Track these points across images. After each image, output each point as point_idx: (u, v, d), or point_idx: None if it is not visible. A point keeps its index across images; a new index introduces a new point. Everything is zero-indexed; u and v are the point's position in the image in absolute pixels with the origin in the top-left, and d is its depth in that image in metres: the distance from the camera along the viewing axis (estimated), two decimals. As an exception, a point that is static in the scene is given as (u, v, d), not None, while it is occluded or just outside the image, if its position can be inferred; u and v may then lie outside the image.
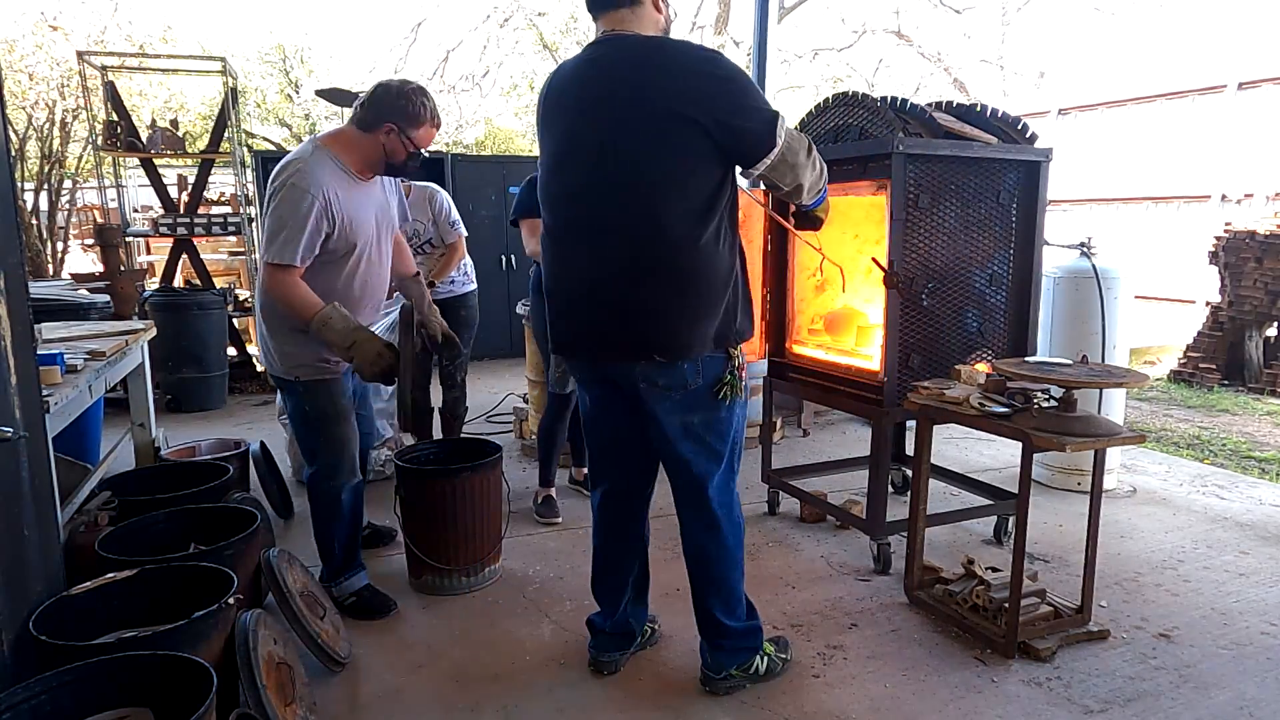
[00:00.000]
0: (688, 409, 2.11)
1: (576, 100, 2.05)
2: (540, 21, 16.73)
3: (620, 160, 1.98)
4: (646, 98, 1.94)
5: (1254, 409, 6.22)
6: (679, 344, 2.03)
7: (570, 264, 2.13)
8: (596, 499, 2.39)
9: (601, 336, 2.10)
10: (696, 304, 2.03)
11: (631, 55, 1.99)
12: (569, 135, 2.07)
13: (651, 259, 2.00)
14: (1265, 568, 3.13)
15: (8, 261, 1.88)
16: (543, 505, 3.72)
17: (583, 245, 2.08)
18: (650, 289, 2.01)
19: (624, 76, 1.97)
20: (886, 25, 16.43)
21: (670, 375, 2.06)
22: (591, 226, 2.05)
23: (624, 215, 2.00)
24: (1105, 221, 12.84)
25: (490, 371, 7.10)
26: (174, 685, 1.68)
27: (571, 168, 2.07)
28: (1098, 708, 2.23)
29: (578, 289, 2.12)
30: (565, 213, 2.12)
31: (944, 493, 3.79)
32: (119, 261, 6.34)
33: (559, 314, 2.20)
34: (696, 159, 1.97)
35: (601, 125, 1.99)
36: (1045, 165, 3.04)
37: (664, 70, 1.94)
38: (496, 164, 8.12)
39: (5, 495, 1.82)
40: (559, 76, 2.13)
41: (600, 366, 2.18)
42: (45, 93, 10.58)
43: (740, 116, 1.96)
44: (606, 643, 2.43)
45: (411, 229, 4.08)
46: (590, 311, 2.10)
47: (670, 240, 1.98)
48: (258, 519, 2.44)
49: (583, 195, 2.06)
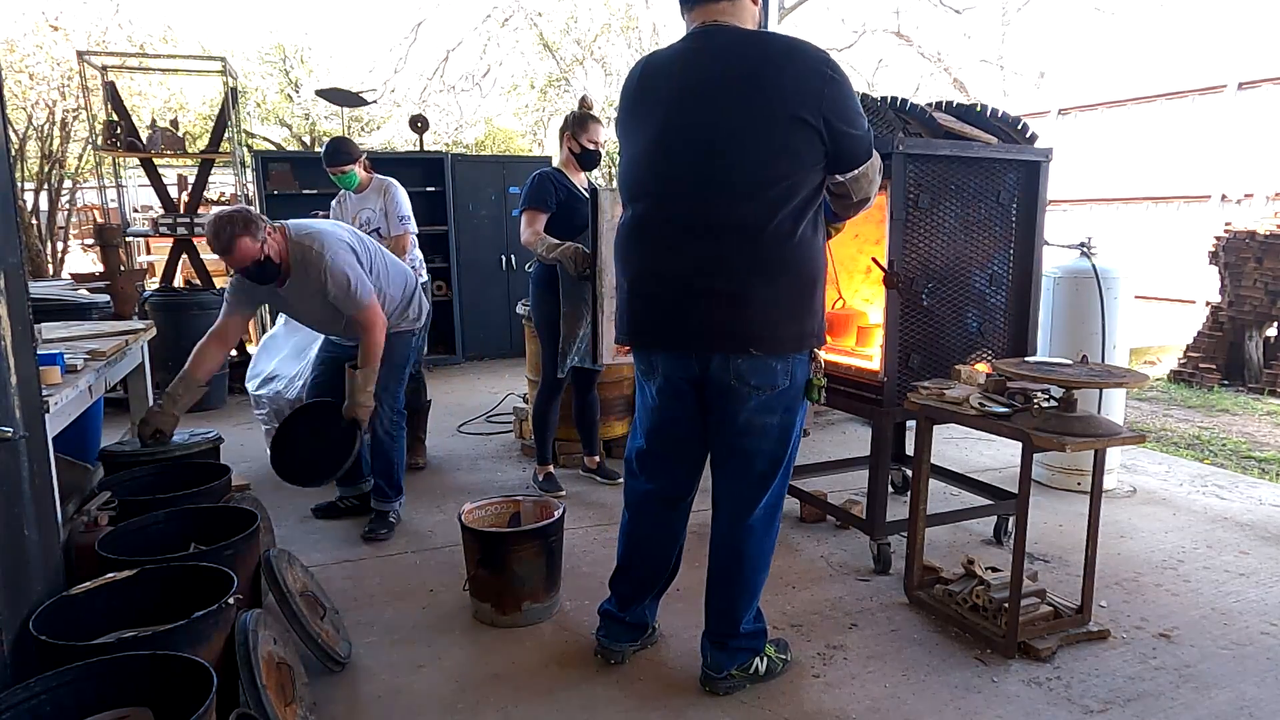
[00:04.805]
0: (769, 409, 2.10)
1: (678, 90, 2.00)
2: (540, 21, 16.71)
3: (732, 155, 1.94)
4: (762, 94, 1.90)
5: (1254, 409, 6.22)
6: (779, 338, 2.02)
7: (664, 253, 2.06)
8: (641, 500, 2.35)
9: (697, 326, 2.04)
10: (797, 299, 2.03)
11: (743, 48, 1.95)
12: (668, 125, 2.01)
13: (759, 253, 1.96)
14: (1265, 568, 3.13)
15: (8, 261, 1.88)
16: (545, 482, 3.93)
17: (682, 235, 2.02)
18: (757, 282, 1.97)
19: (737, 69, 1.93)
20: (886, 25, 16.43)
21: (763, 374, 2.04)
22: (694, 216, 2.00)
23: (732, 208, 1.96)
24: (1105, 221, 12.85)
25: (490, 371, 7.10)
26: (174, 685, 1.68)
27: (672, 157, 2.02)
28: (1098, 708, 2.23)
29: (672, 278, 2.05)
30: (660, 201, 2.06)
31: (944, 493, 3.79)
32: (119, 261, 6.33)
33: (645, 302, 2.12)
34: (809, 158, 1.95)
35: (711, 116, 1.95)
36: (1045, 165, 3.04)
37: (780, 68, 1.91)
38: (496, 164, 8.12)
39: (5, 495, 1.82)
40: (653, 65, 2.09)
41: (689, 360, 2.11)
42: (45, 93, 10.59)
43: (848, 122, 1.95)
44: (620, 633, 2.43)
45: (364, 216, 4.22)
46: (686, 301, 2.04)
47: (779, 235, 1.96)
48: (257, 519, 2.44)
49: (684, 185, 2.01)
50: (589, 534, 3.42)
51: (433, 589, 2.95)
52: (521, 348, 5.60)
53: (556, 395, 3.87)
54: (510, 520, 2.91)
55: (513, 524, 2.88)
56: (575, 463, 4.24)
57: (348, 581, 2.99)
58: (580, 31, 16.93)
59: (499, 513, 2.91)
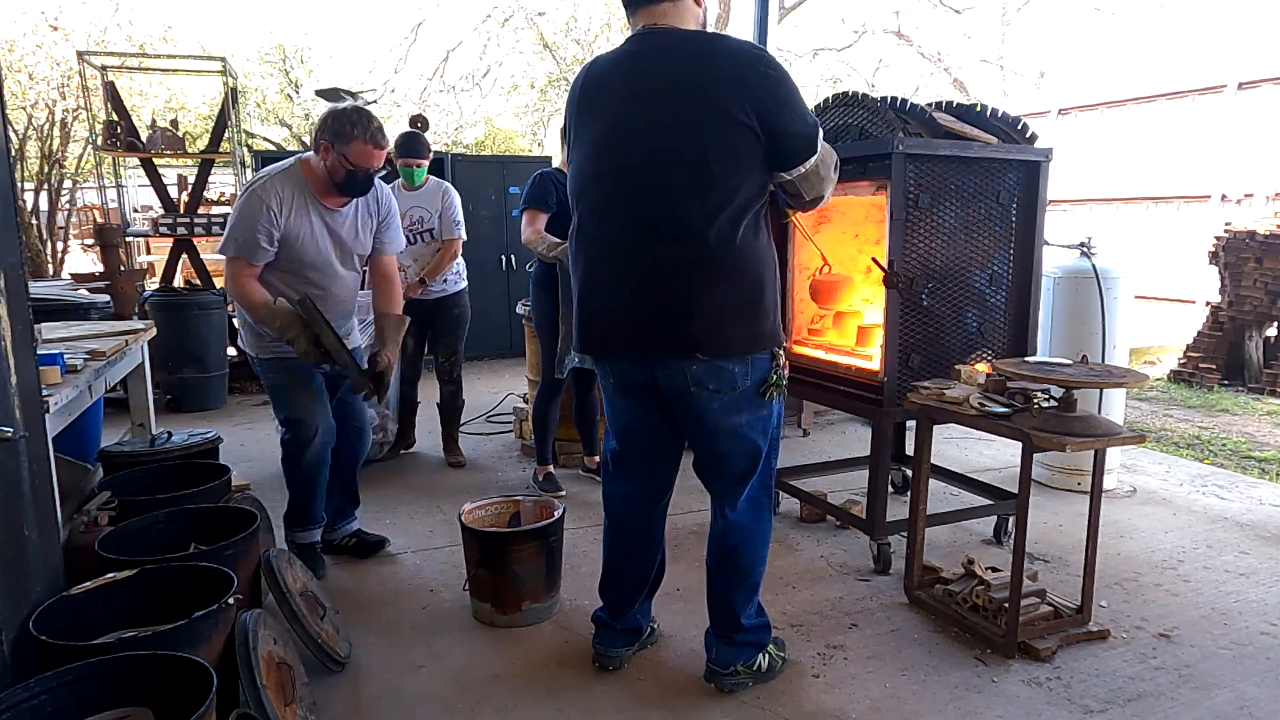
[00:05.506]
0: (735, 410, 2.09)
1: (622, 93, 2.00)
2: (540, 21, 16.71)
3: (670, 157, 1.94)
4: (700, 95, 1.91)
5: (1254, 409, 6.22)
6: (730, 341, 2.01)
7: (609, 260, 2.07)
8: (619, 503, 2.36)
9: (648, 335, 2.04)
10: (745, 301, 2.01)
11: (682, 50, 1.96)
12: (610, 130, 2.02)
13: (703, 256, 1.96)
14: (1265, 568, 3.13)
15: (8, 261, 1.88)
16: (545, 482, 3.94)
17: (625, 241, 2.02)
18: (702, 286, 1.97)
19: (675, 71, 1.94)
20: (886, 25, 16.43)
21: (720, 377, 2.03)
22: (636, 222, 2.00)
23: (673, 212, 1.95)
24: (1105, 221, 12.85)
25: (490, 371, 7.10)
26: (174, 685, 1.68)
27: (613, 160, 2.02)
28: (1098, 708, 2.23)
29: (619, 286, 2.05)
30: (604, 205, 2.06)
31: (944, 493, 3.79)
32: (119, 261, 6.33)
33: (595, 312, 2.12)
34: (748, 159, 1.95)
35: (651, 120, 1.95)
36: (1045, 165, 3.04)
37: (717, 68, 1.91)
38: (496, 164, 8.12)
39: (5, 495, 1.82)
40: (598, 68, 2.09)
41: (642, 367, 2.11)
42: (45, 93, 10.59)
43: (786, 120, 1.95)
44: (615, 639, 2.42)
45: (416, 215, 4.15)
46: (634, 309, 2.04)
47: (721, 238, 1.95)
48: (257, 519, 2.44)
49: (626, 189, 2.01)
50: (589, 534, 3.42)
51: (433, 589, 2.95)
52: (521, 348, 5.61)
53: (556, 395, 3.88)
54: (510, 520, 2.91)
55: (513, 524, 2.88)
56: (575, 463, 4.25)
57: (348, 581, 2.99)
58: (580, 31, 16.93)
59: (499, 513, 2.91)
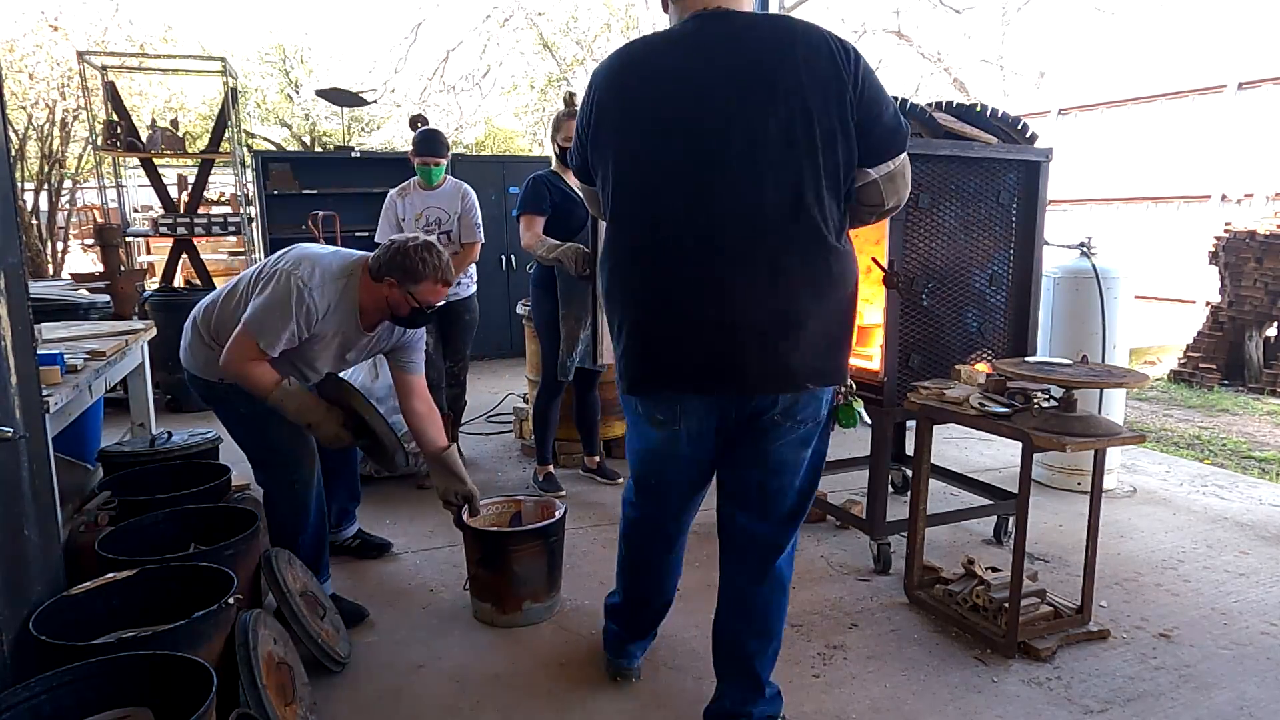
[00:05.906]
0: (805, 443, 1.86)
1: (675, 87, 1.71)
2: (540, 21, 16.71)
3: (749, 160, 1.66)
4: (786, 84, 1.64)
5: (1254, 409, 6.22)
6: (839, 366, 1.79)
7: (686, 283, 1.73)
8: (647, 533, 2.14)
9: (744, 365, 1.72)
10: (846, 316, 1.79)
11: (765, 30, 1.70)
12: (667, 129, 1.72)
13: (806, 267, 1.69)
14: (1265, 568, 3.13)
15: (8, 261, 1.88)
16: (545, 482, 3.93)
17: (702, 260, 1.70)
18: (808, 301, 1.70)
19: (752, 58, 1.67)
20: (886, 25, 16.41)
21: (811, 407, 1.79)
22: (714, 237, 1.69)
23: (788, 210, 1.67)
24: (1105, 221, 12.85)
25: (490, 371, 7.10)
26: (174, 685, 1.68)
27: (675, 167, 1.72)
28: (1098, 708, 2.23)
29: (698, 311, 1.72)
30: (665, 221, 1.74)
31: (944, 493, 3.79)
32: (119, 261, 6.33)
33: (668, 343, 1.77)
34: (846, 152, 1.70)
35: (720, 118, 1.66)
36: (1045, 165, 3.04)
37: (808, 51, 1.66)
38: (497, 164, 8.12)
39: (5, 495, 1.82)
40: (639, 52, 1.78)
41: (722, 403, 1.81)
42: (45, 93, 10.59)
43: (880, 110, 1.71)
44: (633, 650, 2.35)
45: (434, 215, 4.05)
46: (722, 338, 1.72)
47: (824, 245, 1.70)
48: (258, 519, 2.44)
49: (697, 201, 1.70)
50: (589, 534, 3.42)
51: (433, 589, 2.95)
52: (521, 348, 5.61)
53: (557, 395, 3.88)
54: (511, 520, 2.91)
55: (513, 524, 2.88)
56: (575, 463, 4.24)
57: (348, 581, 2.99)
58: (580, 31, 16.93)
59: (500, 512, 2.91)
